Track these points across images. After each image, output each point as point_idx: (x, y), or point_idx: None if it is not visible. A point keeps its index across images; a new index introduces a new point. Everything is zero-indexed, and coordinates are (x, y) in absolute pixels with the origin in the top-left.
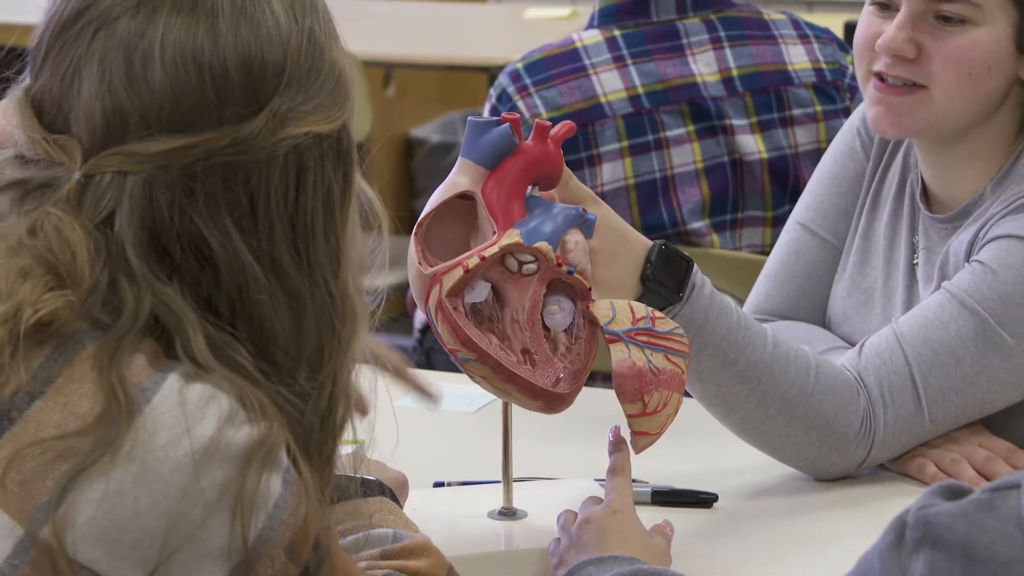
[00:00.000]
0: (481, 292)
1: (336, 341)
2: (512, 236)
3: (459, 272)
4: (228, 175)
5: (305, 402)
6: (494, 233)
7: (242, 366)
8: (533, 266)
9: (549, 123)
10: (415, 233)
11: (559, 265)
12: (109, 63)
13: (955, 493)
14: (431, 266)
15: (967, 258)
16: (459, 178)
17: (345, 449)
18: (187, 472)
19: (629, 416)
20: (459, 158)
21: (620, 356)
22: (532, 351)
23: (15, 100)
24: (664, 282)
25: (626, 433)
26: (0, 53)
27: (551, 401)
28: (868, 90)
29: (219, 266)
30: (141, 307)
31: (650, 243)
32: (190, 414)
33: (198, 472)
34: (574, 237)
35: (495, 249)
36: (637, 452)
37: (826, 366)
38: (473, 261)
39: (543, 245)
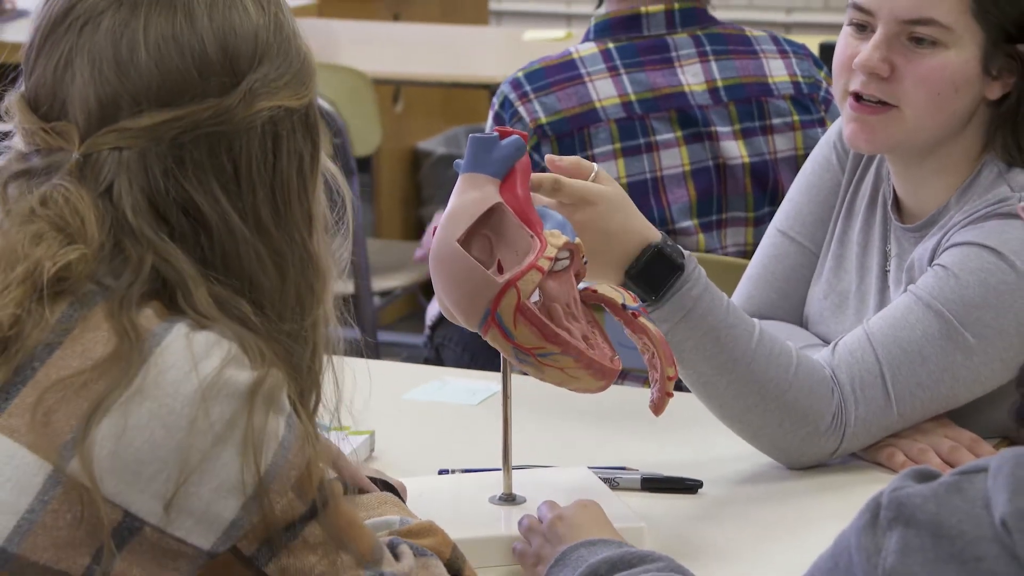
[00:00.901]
0: (535, 293)
1: (313, 294)
2: (560, 237)
3: (536, 275)
4: (213, 144)
5: (295, 343)
6: (531, 237)
7: (244, 316)
8: (567, 262)
9: (526, 133)
10: (463, 249)
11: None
12: (98, 52)
13: (926, 476)
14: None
15: (930, 263)
16: (474, 193)
17: (355, 440)
18: (196, 406)
19: (669, 379)
20: (467, 174)
21: (652, 327)
22: (588, 336)
23: (12, 101)
24: (643, 283)
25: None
26: None
27: (611, 377)
28: (845, 109)
29: (211, 227)
30: (144, 262)
31: (648, 242)
32: (197, 355)
33: (207, 406)
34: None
35: (553, 251)
36: (660, 414)
37: (806, 363)
38: (544, 263)
39: (580, 241)
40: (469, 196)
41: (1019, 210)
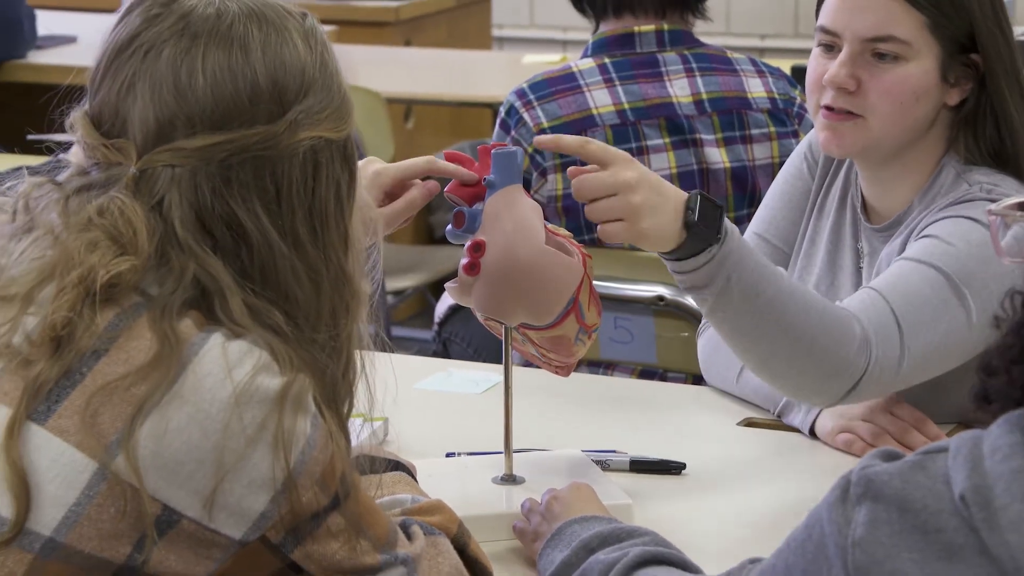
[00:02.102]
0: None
1: (347, 310)
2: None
3: (590, 260)
4: (258, 167)
5: (329, 357)
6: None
7: (276, 326)
8: None
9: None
10: (552, 247)
11: None
12: (160, 77)
13: (891, 456)
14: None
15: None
16: (525, 201)
17: (367, 427)
18: (231, 411)
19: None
20: (508, 187)
21: None
22: None
23: (76, 118)
24: (707, 226)
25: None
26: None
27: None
28: (818, 119)
29: (251, 242)
30: (186, 272)
31: (685, 194)
32: (231, 363)
33: (240, 411)
34: None
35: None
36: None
37: (830, 304)
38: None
39: None
40: (526, 205)
41: (986, 213)
